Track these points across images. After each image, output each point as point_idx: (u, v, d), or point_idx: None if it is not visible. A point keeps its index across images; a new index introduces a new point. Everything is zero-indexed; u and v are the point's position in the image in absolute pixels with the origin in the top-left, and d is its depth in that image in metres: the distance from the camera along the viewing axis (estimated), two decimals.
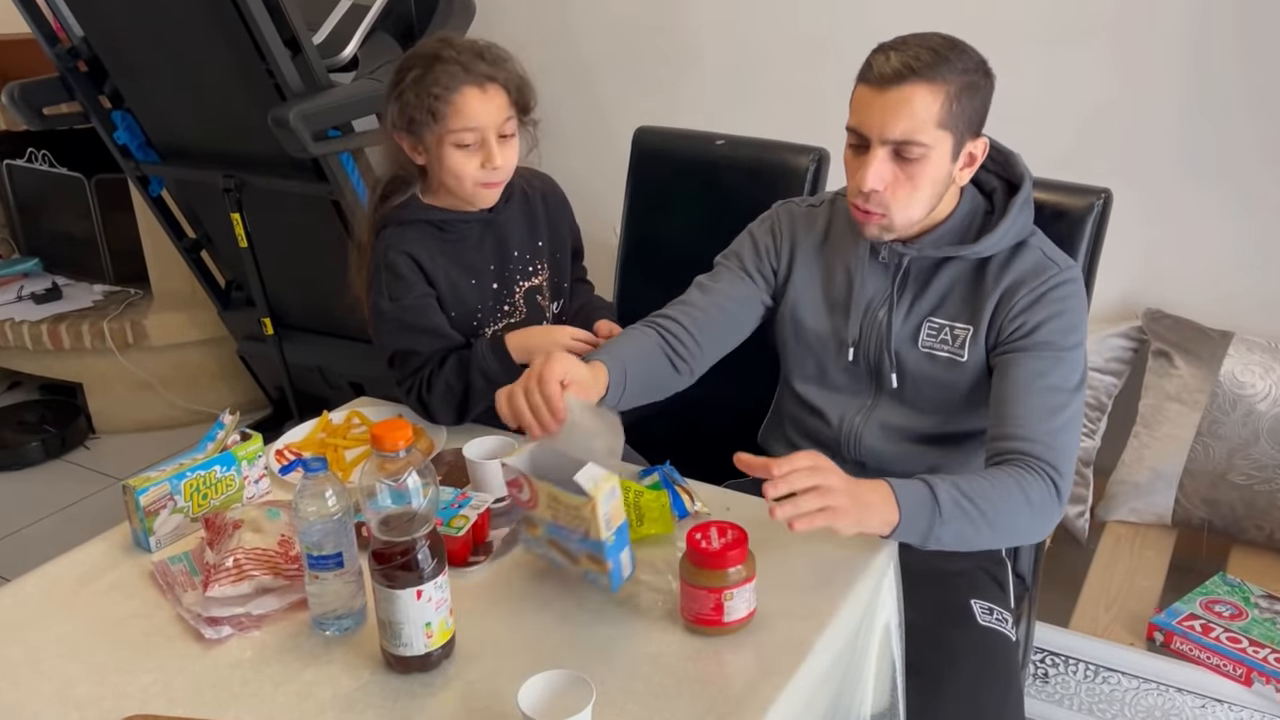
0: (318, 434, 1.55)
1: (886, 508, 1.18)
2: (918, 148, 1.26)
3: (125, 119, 2.63)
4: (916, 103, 1.24)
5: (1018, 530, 1.27)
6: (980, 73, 1.29)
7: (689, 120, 2.04)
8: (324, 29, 2.40)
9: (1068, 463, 1.29)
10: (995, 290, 1.36)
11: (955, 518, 1.20)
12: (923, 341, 1.40)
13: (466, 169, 1.46)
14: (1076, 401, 1.33)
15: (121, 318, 3.19)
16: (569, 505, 1.10)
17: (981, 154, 1.34)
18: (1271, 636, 1.82)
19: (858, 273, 1.44)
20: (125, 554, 1.28)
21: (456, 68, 1.42)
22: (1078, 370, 1.34)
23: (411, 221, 1.53)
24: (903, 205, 1.31)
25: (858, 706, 1.18)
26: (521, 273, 1.61)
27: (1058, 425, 1.29)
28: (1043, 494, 1.25)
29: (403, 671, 1.06)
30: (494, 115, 1.44)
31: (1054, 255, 1.38)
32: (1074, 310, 1.35)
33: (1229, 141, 2.15)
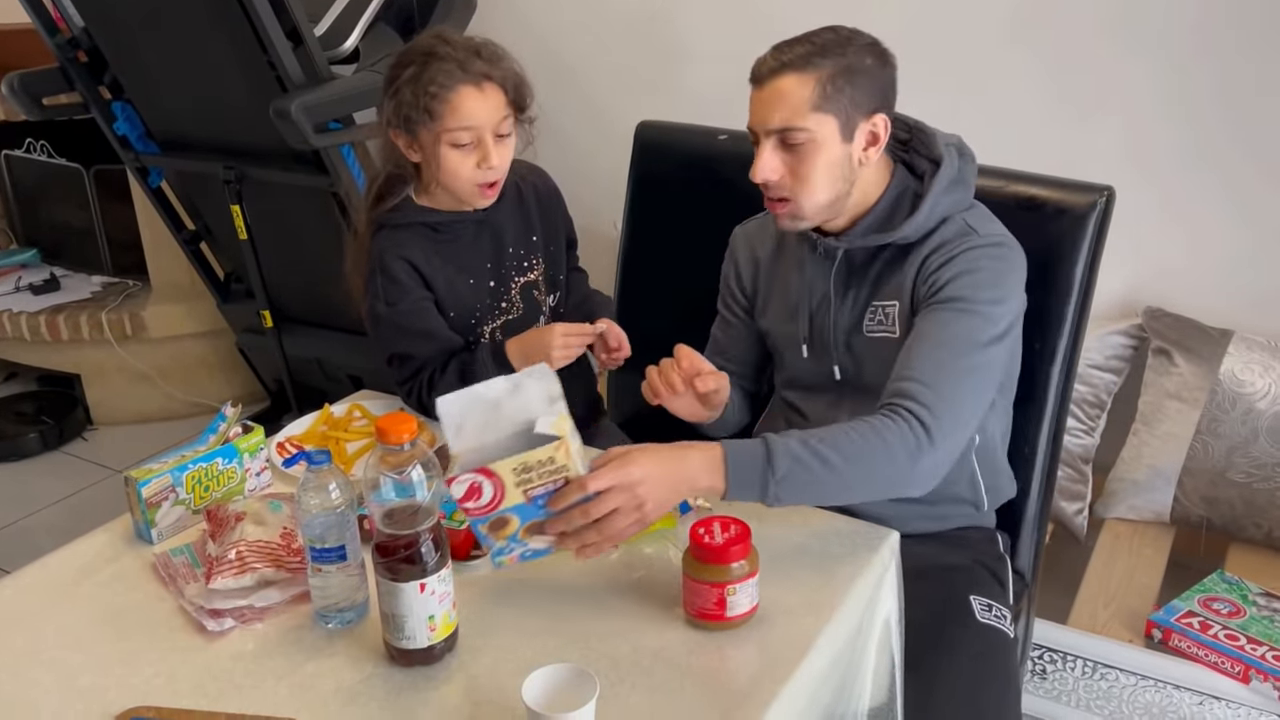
0: (319, 427, 1.54)
1: (711, 474, 1.16)
2: (799, 133, 1.31)
3: (125, 110, 2.62)
4: (788, 92, 1.30)
5: (878, 478, 1.22)
6: (866, 55, 1.32)
7: (688, 115, 2.04)
8: (325, 20, 2.39)
9: (952, 410, 1.24)
10: (915, 261, 1.37)
11: (794, 473, 1.17)
12: (867, 327, 1.42)
13: (462, 169, 1.44)
14: (988, 354, 1.30)
15: (120, 309, 3.18)
16: (540, 461, 1.06)
17: (885, 131, 1.35)
18: (1269, 634, 1.82)
19: (804, 273, 1.47)
20: (127, 546, 1.28)
21: (453, 65, 1.40)
22: (992, 325, 1.30)
23: (407, 225, 1.52)
24: (804, 189, 1.34)
25: (856, 700, 1.19)
26: (517, 269, 1.61)
27: (947, 372, 1.26)
28: (903, 436, 1.21)
29: (405, 665, 1.06)
30: (491, 114, 1.43)
31: (978, 226, 1.37)
32: (990, 270, 1.32)
33: (1231, 140, 2.15)
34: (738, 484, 1.17)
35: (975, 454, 1.45)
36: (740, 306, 1.60)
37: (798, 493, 1.19)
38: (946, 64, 2.30)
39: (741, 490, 1.17)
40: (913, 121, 1.44)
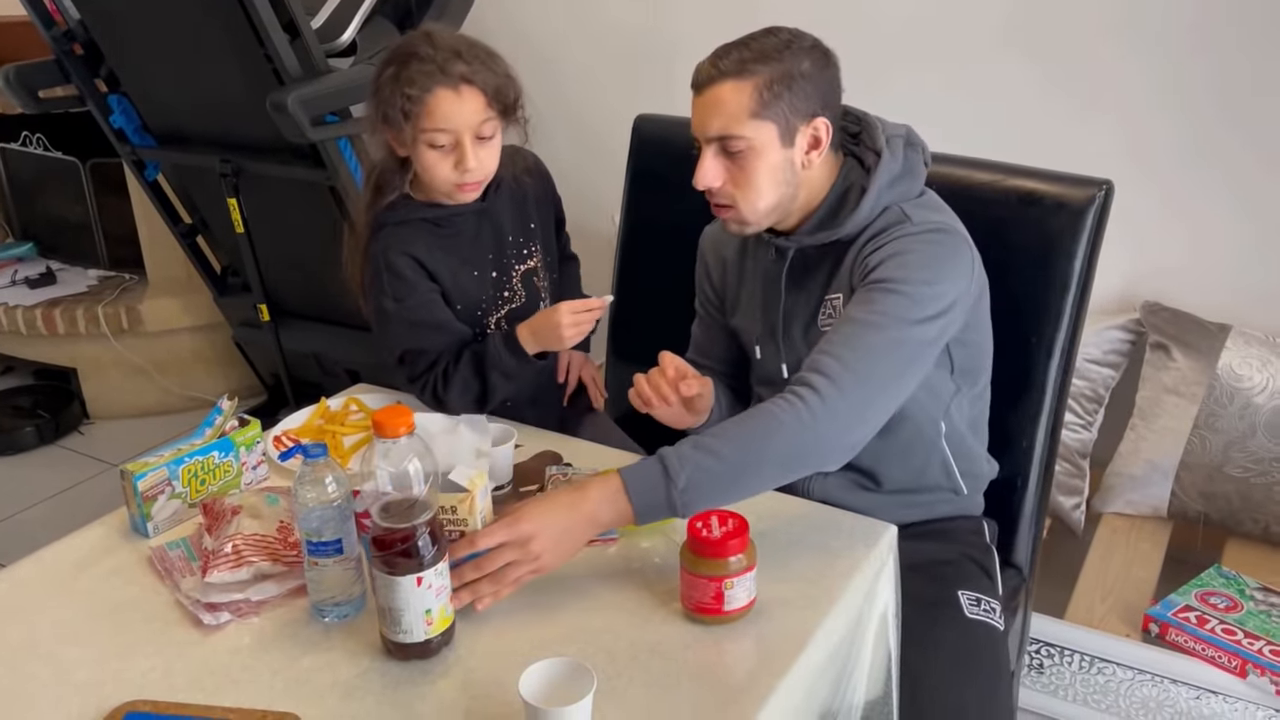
0: (316, 420, 1.54)
1: (614, 504, 1.15)
2: (738, 140, 1.31)
3: (121, 103, 2.61)
4: (726, 100, 1.30)
5: (776, 454, 1.18)
6: (804, 58, 1.30)
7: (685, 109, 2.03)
8: (322, 13, 2.38)
9: (854, 378, 1.20)
10: (853, 253, 1.36)
11: (695, 477, 1.15)
12: (821, 323, 1.42)
13: (440, 169, 1.44)
14: (904, 333, 1.24)
15: (116, 303, 3.18)
16: (444, 508, 1.09)
17: (826, 134, 1.34)
18: (1266, 629, 1.82)
19: (761, 273, 1.48)
20: (123, 539, 1.28)
21: (432, 67, 1.38)
22: (919, 308, 1.25)
23: (408, 221, 1.52)
24: (746, 196, 1.34)
25: (853, 694, 1.19)
26: (517, 257, 1.61)
27: (857, 344, 1.23)
28: (793, 406, 1.18)
29: (402, 659, 1.06)
30: (468, 117, 1.41)
31: (913, 214, 1.34)
32: (921, 253, 1.29)
33: (1230, 135, 2.15)
34: (644, 508, 1.14)
35: (945, 440, 1.44)
36: (713, 306, 1.61)
37: (705, 495, 1.15)
38: (946, 59, 2.30)
39: (650, 512, 1.15)
40: (860, 114, 1.42)
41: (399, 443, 1.04)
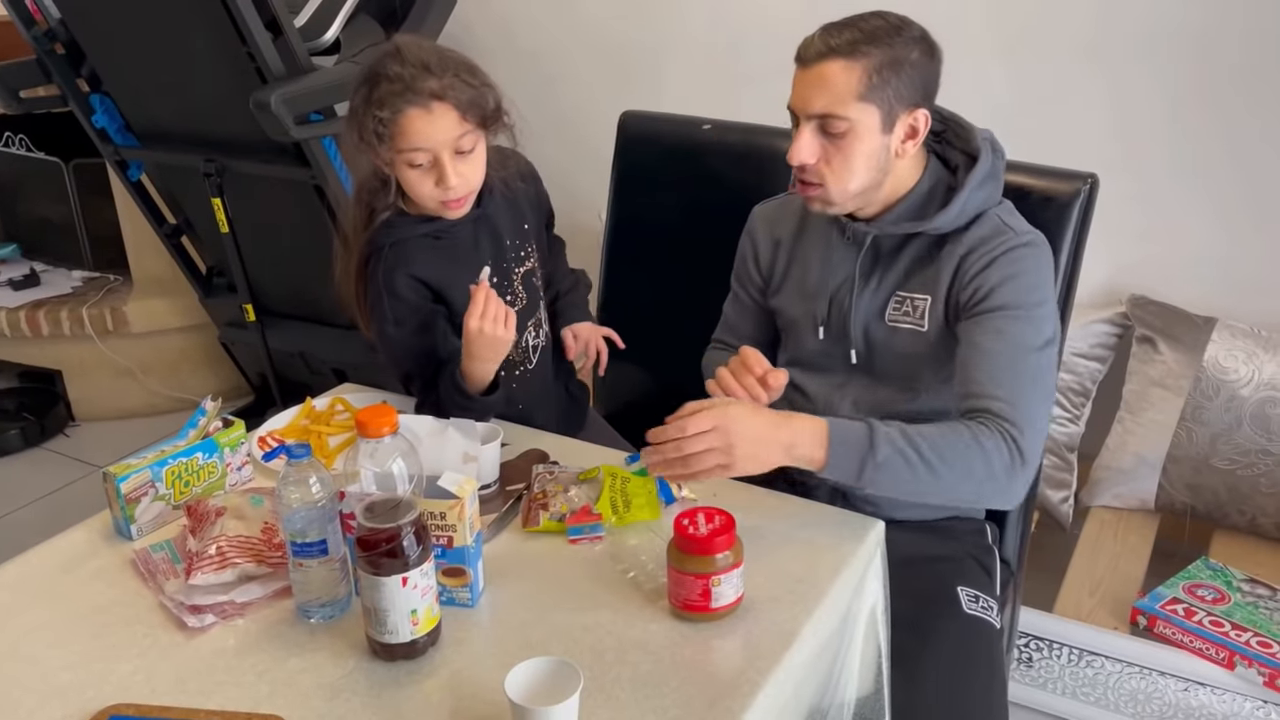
0: (301, 420, 1.53)
1: (811, 446, 1.20)
2: (840, 121, 1.30)
3: (103, 102, 2.59)
4: (834, 79, 1.29)
5: (973, 486, 1.25)
6: (913, 46, 1.30)
7: (671, 105, 2.03)
8: (305, 11, 2.37)
9: (1032, 422, 1.27)
10: (951, 258, 1.37)
11: (893, 462, 1.20)
12: (889, 315, 1.42)
13: (423, 188, 1.41)
14: (1043, 359, 1.32)
15: (101, 304, 3.16)
16: (432, 514, 1.08)
17: (924, 125, 1.35)
18: (1254, 620, 1.83)
19: (828, 255, 1.47)
20: (106, 542, 1.27)
21: (400, 86, 1.34)
22: (1043, 329, 1.32)
23: (406, 239, 1.48)
24: (837, 178, 1.34)
25: (844, 690, 1.18)
26: (515, 259, 1.59)
27: (1021, 386, 1.28)
28: (999, 448, 1.24)
29: (388, 659, 1.06)
30: (443, 134, 1.36)
31: (1012, 223, 1.38)
32: (1031, 271, 1.34)
33: (1214, 129, 2.15)
34: (837, 460, 1.20)
35: None
36: (755, 286, 1.59)
37: (890, 482, 1.21)
38: None
39: (839, 466, 1.20)
40: (948, 113, 1.44)
41: (383, 443, 1.03)
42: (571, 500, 1.28)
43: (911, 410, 1.44)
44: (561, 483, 1.31)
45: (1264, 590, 1.91)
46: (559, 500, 1.28)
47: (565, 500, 1.27)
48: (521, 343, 1.62)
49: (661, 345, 1.96)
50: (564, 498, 1.28)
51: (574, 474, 1.34)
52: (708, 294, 1.82)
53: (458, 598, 1.13)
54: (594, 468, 1.34)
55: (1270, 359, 2.06)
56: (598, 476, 1.32)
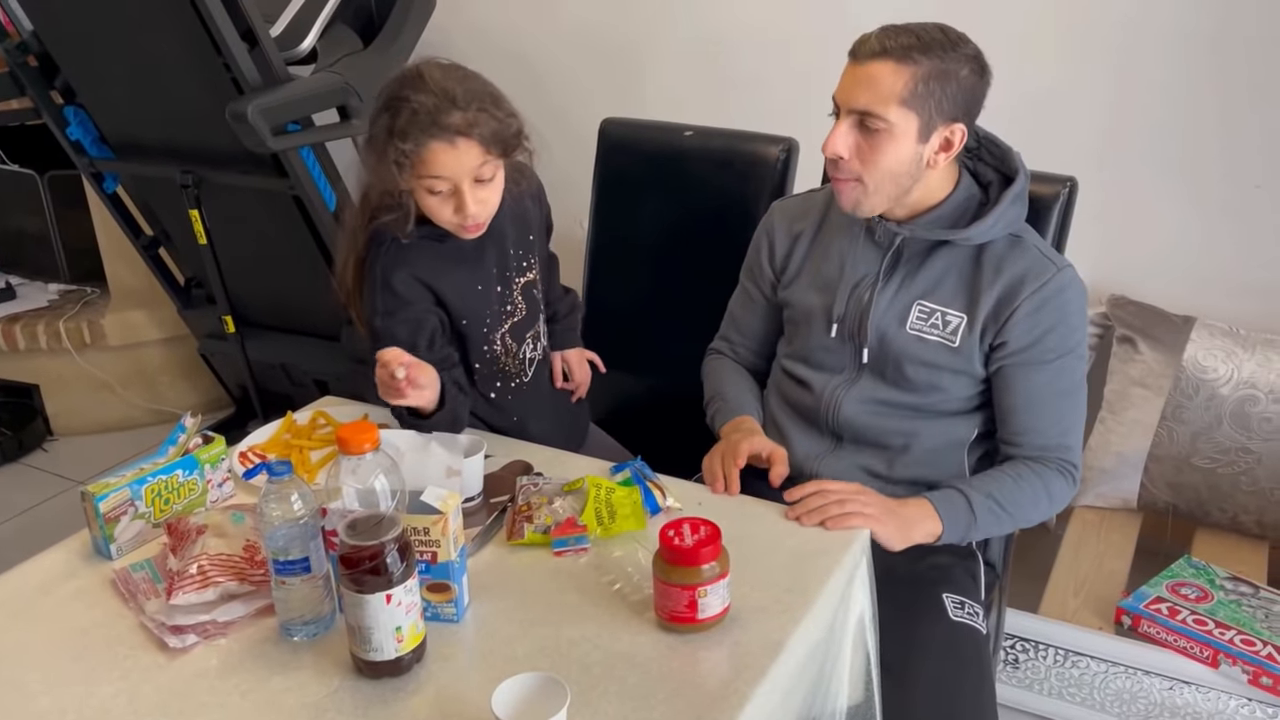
0: (282, 435, 1.52)
1: (929, 521, 1.35)
2: (879, 121, 1.33)
3: (78, 114, 2.57)
4: (881, 79, 1.31)
5: (1035, 518, 1.44)
6: (965, 64, 1.34)
7: (652, 112, 2.03)
8: (281, 21, 2.35)
9: (1080, 451, 1.46)
10: (994, 284, 1.39)
11: (987, 521, 1.38)
12: (911, 324, 1.44)
13: (442, 214, 1.41)
14: (1083, 392, 1.46)
15: (78, 317, 3.13)
16: (416, 529, 1.07)
17: (959, 141, 1.37)
18: (1237, 618, 1.84)
19: (850, 251, 1.49)
20: (85, 562, 1.25)
21: (425, 119, 1.33)
22: (1083, 361, 1.44)
23: (404, 243, 1.47)
24: (869, 174, 1.37)
25: (834, 699, 1.18)
26: (517, 269, 1.59)
27: (1070, 424, 1.45)
28: (1062, 487, 1.43)
29: (373, 677, 1.05)
30: (465, 165, 1.37)
31: (1049, 254, 1.43)
32: (1075, 312, 1.42)
33: (1191, 130, 2.17)
34: (949, 532, 1.36)
35: (967, 448, 1.47)
36: (766, 281, 1.61)
37: (982, 535, 1.41)
38: None
39: (950, 537, 1.37)
40: (983, 133, 1.48)
41: (364, 459, 1.03)
42: (556, 512, 1.27)
43: (916, 408, 1.46)
44: (546, 494, 1.30)
45: (1246, 588, 1.93)
46: (543, 512, 1.27)
47: (550, 512, 1.27)
48: (519, 355, 1.62)
49: (645, 351, 1.96)
50: (548, 510, 1.27)
51: (558, 485, 1.33)
52: (691, 299, 1.82)
53: (442, 613, 1.12)
54: (579, 479, 1.33)
55: (1249, 358, 2.08)
56: (582, 487, 1.31)
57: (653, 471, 1.37)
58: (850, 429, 1.49)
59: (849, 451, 1.49)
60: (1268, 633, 1.80)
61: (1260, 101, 2.09)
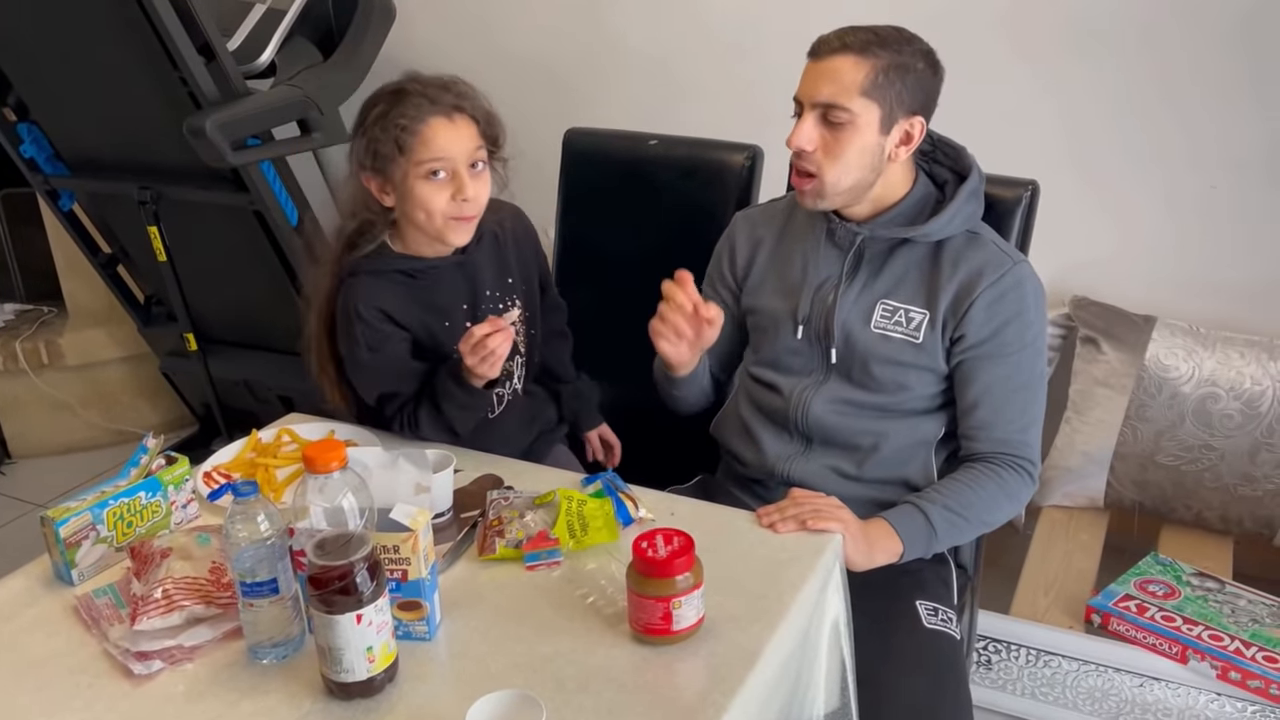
0: (247, 453, 1.50)
1: (889, 541, 1.35)
2: (842, 112, 1.36)
3: (31, 131, 2.53)
4: (842, 71, 1.36)
5: (998, 520, 1.45)
6: (920, 58, 1.39)
7: (616, 122, 2.03)
8: (239, 34, 2.33)
9: (1038, 447, 1.46)
10: (952, 278, 1.42)
11: (947, 531, 1.39)
12: (875, 323, 1.45)
13: (436, 202, 1.42)
14: (1041, 387, 1.47)
15: (35, 337, 3.07)
16: (385, 547, 1.06)
17: (919, 134, 1.41)
18: (1204, 614, 1.86)
19: (813, 255, 1.51)
20: (46, 589, 1.22)
21: (423, 100, 1.39)
22: (1040, 357, 1.46)
23: (382, 272, 1.49)
24: (832, 168, 1.39)
25: (811, 706, 1.18)
26: (493, 309, 1.58)
27: (1029, 420, 1.45)
28: (1019, 484, 1.44)
29: (345, 698, 1.03)
30: (463, 145, 1.41)
31: (1006, 249, 1.46)
32: (1031, 305, 1.43)
33: (1149, 132, 2.19)
34: (910, 548, 1.36)
35: (937, 443, 1.48)
36: (728, 289, 1.62)
37: (945, 545, 1.41)
38: None
39: (911, 552, 1.37)
40: (936, 135, 1.51)
41: (332, 478, 1.01)
42: (528, 526, 1.26)
43: (885, 408, 1.47)
44: (517, 508, 1.29)
45: (1213, 583, 1.95)
46: (515, 526, 1.26)
47: (521, 526, 1.26)
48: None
49: (613, 362, 1.94)
50: (520, 524, 1.26)
51: (529, 498, 1.32)
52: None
53: (414, 631, 1.10)
54: (549, 491, 1.32)
55: (1209, 355, 2.11)
56: (553, 500, 1.30)
57: (624, 483, 1.36)
58: (820, 430, 1.50)
59: (819, 453, 1.50)
60: (1235, 627, 1.82)
61: (1211, 103, 2.12)
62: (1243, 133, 2.12)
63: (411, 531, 1.06)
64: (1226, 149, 2.14)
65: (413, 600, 1.09)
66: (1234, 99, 2.11)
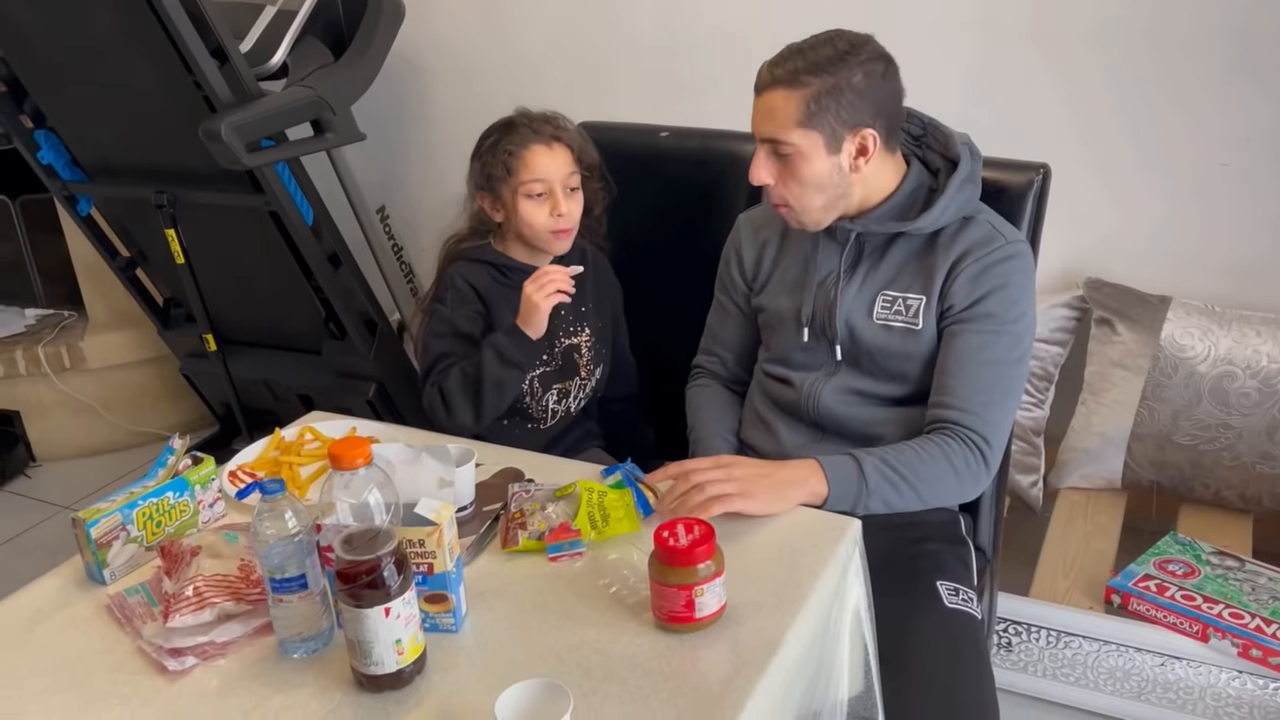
0: (270, 452, 1.52)
1: (813, 481, 1.32)
2: (785, 145, 1.40)
3: (49, 138, 2.55)
4: (775, 106, 1.38)
5: (944, 494, 1.41)
6: (857, 71, 1.36)
7: (627, 115, 2.03)
8: (250, 37, 2.34)
9: (998, 433, 1.43)
10: (946, 259, 1.43)
11: (881, 487, 1.36)
12: (877, 314, 1.47)
13: (537, 217, 1.66)
14: (1016, 373, 1.44)
15: (56, 341, 3.10)
16: (411, 541, 1.08)
17: (875, 144, 1.41)
18: (1224, 592, 1.86)
19: (813, 252, 1.53)
20: (79, 589, 1.25)
21: (527, 130, 1.66)
22: (1020, 343, 1.44)
23: (479, 260, 1.74)
24: (795, 196, 1.43)
25: (834, 691, 1.19)
26: (564, 330, 1.76)
27: (992, 398, 1.42)
28: (968, 460, 1.40)
29: (375, 690, 1.05)
30: (559, 169, 1.66)
31: (1001, 228, 1.46)
32: (1018, 284, 1.42)
33: (1161, 112, 2.19)
34: (837, 495, 1.33)
35: None
36: (739, 292, 1.65)
37: (881, 504, 1.36)
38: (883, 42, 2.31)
39: (838, 501, 1.33)
40: (927, 120, 1.51)
41: (358, 474, 1.03)
42: (549, 518, 1.27)
43: (895, 397, 1.48)
44: (538, 500, 1.31)
45: (1232, 562, 1.95)
46: (537, 518, 1.27)
47: (543, 518, 1.27)
48: (543, 401, 1.76)
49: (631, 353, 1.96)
50: (541, 515, 1.28)
51: (550, 491, 1.33)
52: (671, 300, 1.83)
53: (441, 624, 1.12)
54: (570, 483, 1.34)
55: (1225, 334, 2.10)
56: (574, 492, 1.32)
57: (643, 473, 1.37)
58: (831, 420, 1.52)
59: (832, 442, 1.51)
60: (1255, 605, 1.83)
61: (1219, 80, 2.11)
62: (1251, 109, 2.11)
63: (436, 525, 1.08)
64: (1233, 125, 2.14)
65: (439, 593, 1.11)
66: (1241, 76, 2.10)
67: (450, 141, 2.92)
